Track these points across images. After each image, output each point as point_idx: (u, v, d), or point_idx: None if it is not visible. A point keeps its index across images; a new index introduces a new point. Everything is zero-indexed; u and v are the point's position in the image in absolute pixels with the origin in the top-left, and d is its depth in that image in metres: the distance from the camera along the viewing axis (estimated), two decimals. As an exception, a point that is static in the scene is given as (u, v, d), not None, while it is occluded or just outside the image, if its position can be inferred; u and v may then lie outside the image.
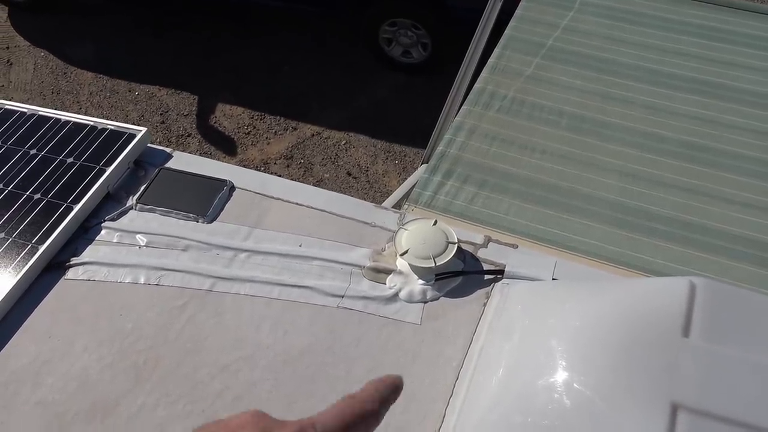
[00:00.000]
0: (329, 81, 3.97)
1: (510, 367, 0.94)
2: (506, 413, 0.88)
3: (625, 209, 1.35)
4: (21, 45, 4.42)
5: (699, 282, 0.89)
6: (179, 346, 1.06)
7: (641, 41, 1.72)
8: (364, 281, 1.13)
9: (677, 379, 0.81)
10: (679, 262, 1.25)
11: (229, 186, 1.29)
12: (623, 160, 1.44)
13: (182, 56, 4.19)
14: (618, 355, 0.86)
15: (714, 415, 0.78)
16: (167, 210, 1.25)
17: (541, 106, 1.57)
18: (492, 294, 1.11)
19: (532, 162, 1.45)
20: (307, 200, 1.26)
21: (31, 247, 1.17)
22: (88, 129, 1.38)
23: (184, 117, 3.86)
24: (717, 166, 1.42)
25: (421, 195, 1.41)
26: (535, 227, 1.33)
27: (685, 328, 0.85)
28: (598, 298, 0.96)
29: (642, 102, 1.57)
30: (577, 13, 1.80)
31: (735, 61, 1.64)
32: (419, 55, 3.83)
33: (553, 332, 0.93)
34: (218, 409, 0.99)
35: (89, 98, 4.01)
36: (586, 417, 0.82)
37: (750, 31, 1.72)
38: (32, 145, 1.36)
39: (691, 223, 1.32)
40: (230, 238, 1.21)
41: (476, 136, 1.52)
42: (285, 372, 1.02)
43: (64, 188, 1.27)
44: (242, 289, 1.13)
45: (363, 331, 1.07)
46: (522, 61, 1.69)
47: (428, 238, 1.14)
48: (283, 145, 3.66)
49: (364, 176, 3.50)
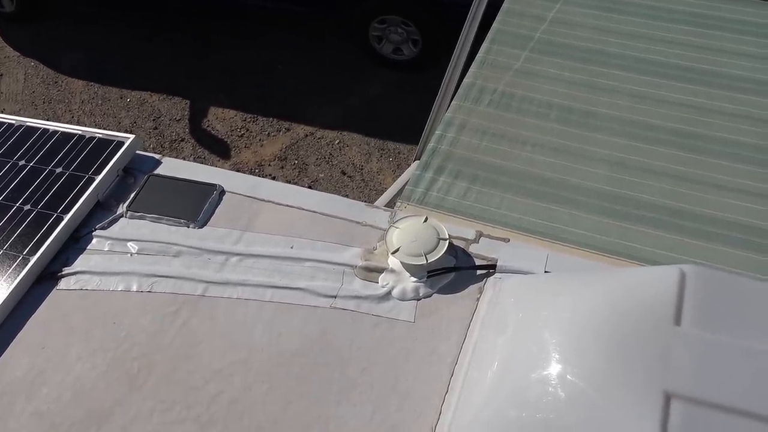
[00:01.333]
0: (321, 80, 3.96)
1: (504, 362, 0.94)
2: (501, 408, 0.88)
3: (615, 199, 1.35)
4: (10, 55, 4.41)
5: (689, 270, 0.89)
6: (173, 352, 1.06)
7: (629, 30, 1.71)
8: (356, 281, 1.13)
9: (670, 367, 0.81)
10: (671, 250, 1.25)
11: (219, 190, 1.28)
12: (613, 150, 1.44)
13: (174, 60, 4.18)
14: (610, 345, 0.86)
15: (707, 403, 0.78)
16: (158, 216, 1.25)
17: (530, 99, 1.57)
18: (485, 289, 1.11)
19: (522, 155, 1.45)
20: (297, 202, 1.26)
21: (23, 259, 1.17)
22: (77, 138, 1.38)
23: (176, 122, 3.85)
24: (706, 153, 1.42)
25: (414, 192, 1.41)
26: (527, 220, 1.32)
27: (677, 316, 0.86)
28: (589, 289, 0.96)
29: (630, 91, 1.56)
30: (564, 5, 1.80)
31: (723, 48, 1.64)
32: (410, 52, 3.83)
33: (546, 325, 0.93)
34: (214, 414, 0.99)
35: (81, 106, 4.01)
36: (580, 408, 0.82)
37: (738, 16, 1.71)
38: (21, 156, 1.36)
39: (682, 210, 1.32)
40: (221, 242, 1.20)
41: (467, 131, 1.52)
42: (279, 374, 1.02)
43: (53, 198, 1.27)
44: (234, 293, 1.13)
45: (356, 331, 1.07)
46: (510, 54, 1.69)
47: (419, 235, 1.14)
48: (276, 147, 3.66)
49: (358, 175, 3.49)
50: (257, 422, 0.97)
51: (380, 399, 0.99)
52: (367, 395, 0.99)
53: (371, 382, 1.01)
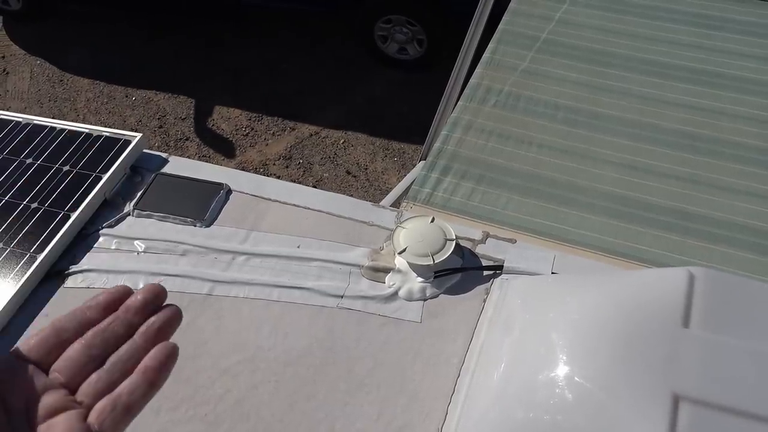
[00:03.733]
0: (326, 80, 3.96)
1: (511, 363, 0.93)
2: (508, 409, 0.87)
3: (623, 200, 1.34)
4: (17, 54, 4.42)
5: (698, 272, 0.89)
6: (180, 351, 1.06)
7: (635, 31, 1.71)
8: (363, 281, 1.13)
9: (678, 370, 0.81)
10: (679, 252, 1.25)
11: (226, 189, 1.29)
12: (620, 152, 1.44)
13: (179, 59, 4.18)
14: (618, 347, 0.85)
15: (716, 405, 0.77)
16: (164, 215, 1.25)
17: (537, 100, 1.57)
18: (491, 290, 1.11)
19: (529, 156, 1.45)
20: (303, 201, 1.26)
21: (30, 257, 1.17)
22: (84, 136, 1.38)
23: (182, 120, 3.86)
24: (715, 155, 1.41)
25: (419, 192, 1.41)
26: (533, 221, 1.32)
27: (685, 318, 0.85)
28: (597, 290, 0.95)
29: (637, 92, 1.56)
30: (571, 6, 1.80)
31: (730, 49, 1.63)
32: (415, 52, 3.83)
33: (553, 326, 0.93)
34: (220, 413, 0.99)
35: (86, 105, 4.01)
36: (588, 410, 0.81)
37: (745, 18, 1.71)
38: (28, 155, 1.36)
39: (690, 213, 1.31)
40: (228, 241, 1.20)
41: (473, 131, 1.52)
42: (286, 374, 1.02)
43: (61, 196, 1.27)
44: (241, 292, 1.13)
45: (363, 331, 1.07)
46: (516, 55, 1.69)
47: (426, 235, 1.14)
48: (281, 146, 3.66)
49: (363, 174, 3.49)
50: (264, 422, 0.98)
51: (387, 399, 0.99)
52: (374, 395, 0.99)
53: (378, 382, 1.01)
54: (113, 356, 0.49)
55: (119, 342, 0.50)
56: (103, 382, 0.48)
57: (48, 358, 0.48)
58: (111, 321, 0.50)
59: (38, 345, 0.48)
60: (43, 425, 0.44)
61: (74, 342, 0.49)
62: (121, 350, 0.49)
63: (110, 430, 0.46)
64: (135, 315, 0.51)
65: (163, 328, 0.51)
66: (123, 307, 0.51)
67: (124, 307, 0.51)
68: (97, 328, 0.50)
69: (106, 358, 0.49)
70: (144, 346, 0.50)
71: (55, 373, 0.47)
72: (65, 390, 0.47)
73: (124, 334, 0.50)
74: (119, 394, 0.47)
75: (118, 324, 0.50)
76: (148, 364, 0.49)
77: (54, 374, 0.47)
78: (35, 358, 0.48)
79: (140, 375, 0.48)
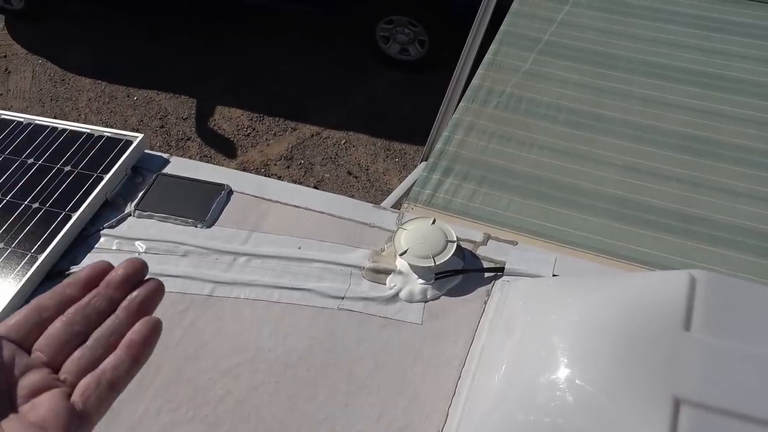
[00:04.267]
0: (327, 80, 3.96)
1: (512, 365, 0.93)
2: (509, 411, 0.87)
3: (624, 203, 1.34)
4: (18, 53, 4.42)
5: (699, 275, 0.89)
6: (180, 352, 1.06)
7: (637, 33, 1.71)
8: (364, 282, 1.13)
9: (679, 373, 0.81)
10: (680, 254, 1.25)
11: (227, 190, 1.29)
12: (622, 154, 1.43)
13: (180, 60, 4.19)
14: (619, 350, 0.85)
15: (717, 409, 0.77)
16: (165, 216, 1.25)
17: (539, 102, 1.57)
18: (492, 292, 1.11)
19: (530, 158, 1.45)
20: (305, 202, 1.26)
21: (31, 257, 1.17)
22: (85, 137, 1.38)
23: (183, 121, 3.86)
24: (716, 157, 1.41)
25: (421, 193, 1.40)
26: (534, 223, 1.32)
27: (686, 321, 0.85)
28: (598, 293, 0.95)
29: (639, 95, 1.56)
30: (573, 7, 1.80)
31: (732, 51, 1.63)
32: (417, 53, 3.82)
33: (554, 328, 0.93)
34: (220, 414, 0.99)
35: (88, 104, 4.02)
36: (588, 413, 0.81)
37: (746, 20, 1.71)
38: (29, 155, 1.36)
39: (691, 215, 1.31)
40: (229, 242, 1.20)
41: (474, 132, 1.52)
42: (286, 375, 1.02)
43: (62, 197, 1.27)
44: (242, 293, 1.13)
45: (364, 332, 1.07)
46: (518, 56, 1.69)
47: (427, 237, 1.14)
48: (282, 146, 3.66)
49: (364, 175, 3.49)
50: (264, 423, 0.98)
51: (387, 401, 0.99)
52: (375, 397, 0.99)
53: (378, 384, 1.01)
54: (96, 332, 0.48)
55: (101, 318, 0.49)
56: (86, 359, 0.47)
57: (29, 338, 0.47)
58: (92, 297, 0.49)
59: (18, 325, 0.47)
60: (26, 405, 0.43)
61: (55, 320, 0.48)
62: (104, 326, 0.48)
63: (95, 408, 0.45)
64: (116, 290, 0.49)
65: (145, 301, 0.50)
66: (103, 283, 0.50)
67: (105, 283, 0.50)
68: (78, 304, 0.49)
69: (89, 335, 0.48)
70: (127, 320, 0.48)
71: (37, 352, 0.46)
72: (48, 369, 0.46)
73: (105, 310, 0.49)
74: (103, 370, 0.46)
75: (99, 300, 0.49)
76: (131, 338, 0.48)
77: (36, 353, 0.46)
78: (16, 338, 0.46)
79: (124, 350, 0.47)
